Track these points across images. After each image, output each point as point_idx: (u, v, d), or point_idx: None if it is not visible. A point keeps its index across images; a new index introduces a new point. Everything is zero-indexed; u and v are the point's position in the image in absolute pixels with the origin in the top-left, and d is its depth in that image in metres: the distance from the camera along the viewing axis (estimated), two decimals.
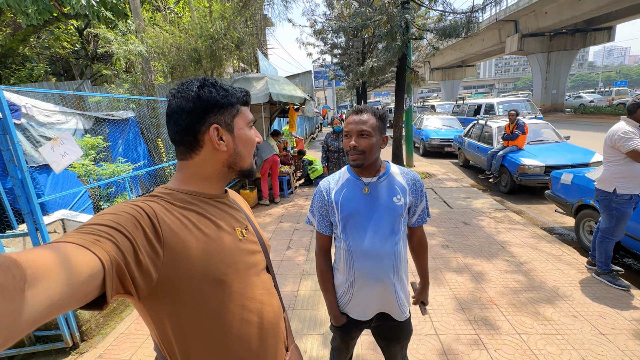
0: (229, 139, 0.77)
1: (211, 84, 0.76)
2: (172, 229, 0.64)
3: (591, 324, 2.38)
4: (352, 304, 1.33)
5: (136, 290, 0.57)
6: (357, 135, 1.22)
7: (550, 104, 25.89)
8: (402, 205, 1.27)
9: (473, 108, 13.01)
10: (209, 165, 0.77)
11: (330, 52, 17.08)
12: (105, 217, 0.57)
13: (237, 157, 0.80)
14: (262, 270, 0.85)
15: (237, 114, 0.79)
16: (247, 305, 0.75)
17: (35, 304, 0.39)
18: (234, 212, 0.84)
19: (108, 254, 0.51)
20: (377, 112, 1.25)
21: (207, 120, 0.74)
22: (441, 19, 7.88)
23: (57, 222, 3.01)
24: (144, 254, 0.57)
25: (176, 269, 0.63)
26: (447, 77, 44.30)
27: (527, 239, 3.88)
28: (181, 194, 0.73)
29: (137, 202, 0.64)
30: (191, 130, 0.74)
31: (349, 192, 1.30)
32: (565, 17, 20.66)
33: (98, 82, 10.76)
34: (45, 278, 0.41)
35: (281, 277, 3.36)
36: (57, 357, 2.41)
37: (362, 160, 1.23)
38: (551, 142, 6.58)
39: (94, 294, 0.49)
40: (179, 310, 0.66)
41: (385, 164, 1.36)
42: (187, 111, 0.73)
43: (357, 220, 1.27)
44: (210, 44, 5.61)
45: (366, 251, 1.26)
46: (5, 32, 9.92)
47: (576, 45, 24.84)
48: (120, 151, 5.03)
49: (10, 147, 2.12)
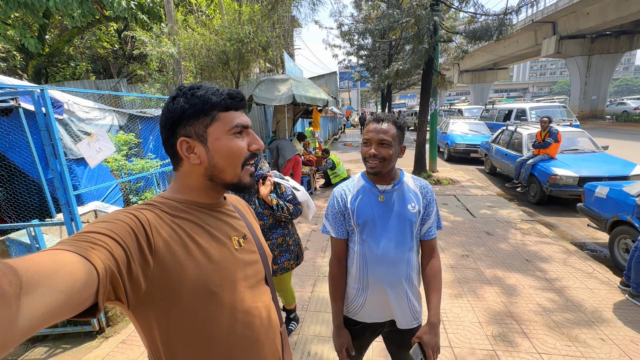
0: (201, 150, 0.72)
1: (183, 93, 0.72)
2: (165, 239, 0.64)
3: (620, 349, 2.23)
4: (365, 308, 1.33)
5: (126, 298, 0.57)
6: (377, 144, 1.22)
7: (589, 111, 24.32)
8: (416, 213, 1.29)
9: (503, 113, 12.48)
10: (192, 177, 0.75)
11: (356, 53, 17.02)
12: (101, 225, 0.57)
13: (215, 169, 0.73)
14: (260, 281, 0.82)
15: (211, 123, 0.72)
16: (239, 318, 0.73)
17: (30, 311, 0.38)
18: (232, 220, 0.81)
19: (103, 262, 0.51)
20: (397, 121, 1.26)
21: (177, 132, 0.71)
22: (472, 21, 7.64)
23: (91, 212, 3.21)
24: (135, 263, 0.57)
25: (165, 279, 0.62)
26: (477, 80, 42.72)
27: (556, 254, 3.68)
28: (175, 203, 0.72)
29: (132, 211, 0.64)
30: (168, 143, 0.73)
31: (364, 199, 1.30)
32: (610, 18, 19.31)
33: (133, 80, 11.36)
34: (41, 285, 0.40)
35: (297, 277, 3.40)
36: (85, 340, 2.58)
37: (380, 169, 1.24)
38: (587, 152, 6.19)
39: (87, 302, 0.48)
40: (167, 321, 0.65)
41: (399, 172, 1.36)
42: (162, 125, 0.73)
43: (372, 227, 1.28)
44: (239, 47, 5.77)
45: (380, 258, 1.27)
46: (53, 34, 10.70)
47: (621, 48, 23.16)
48: (150, 147, 5.27)
49: (52, 143, 2.30)
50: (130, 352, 2.41)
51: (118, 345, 2.49)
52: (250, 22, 6.01)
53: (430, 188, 1.36)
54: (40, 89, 2.22)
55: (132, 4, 7.05)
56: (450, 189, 6.89)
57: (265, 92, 5.99)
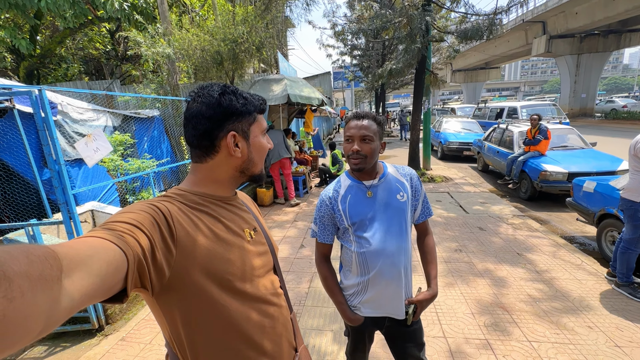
0: (244, 145, 0.80)
1: (232, 91, 0.79)
2: (185, 229, 0.67)
3: (607, 336, 2.32)
4: (368, 303, 1.34)
5: (151, 285, 0.60)
6: (360, 140, 1.25)
7: (579, 109, 24.77)
8: (405, 201, 1.32)
9: (495, 111, 12.68)
10: (222, 169, 0.80)
11: (349, 53, 17.13)
12: (126, 215, 0.61)
13: (250, 163, 0.83)
14: (270, 271, 0.87)
15: (253, 122, 0.82)
16: (254, 305, 0.77)
17: (71, 293, 0.41)
18: (243, 213, 0.86)
19: (132, 249, 0.54)
20: (377, 118, 1.29)
21: (225, 126, 0.77)
22: (463, 21, 7.76)
23: (88, 212, 3.23)
24: (159, 252, 0.61)
25: (187, 267, 0.66)
26: (469, 79, 43.20)
27: (546, 247, 3.79)
28: (193, 196, 0.76)
29: (153, 202, 0.67)
30: (209, 135, 0.76)
31: (353, 198, 1.32)
32: (598, 17, 19.71)
33: (127, 81, 11.29)
34: (79, 269, 0.43)
35: (294, 274, 3.45)
36: (84, 338, 2.60)
37: (363, 165, 1.26)
38: (576, 149, 6.34)
39: (117, 287, 0.52)
40: (188, 307, 0.69)
41: (382, 164, 1.38)
42: (206, 117, 0.75)
43: (366, 223, 1.29)
44: (233, 47, 5.80)
45: (380, 251, 1.27)
46: (45, 35, 10.59)
47: (609, 47, 23.64)
48: (145, 147, 5.27)
49: (49, 142, 2.32)
50: (130, 349, 2.44)
51: (118, 343, 2.52)
52: (243, 23, 6.03)
53: (414, 173, 1.39)
54: (38, 89, 2.24)
55: (124, 5, 7.03)
56: (443, 186, 6.99)
57: (259, 92, 6.02)
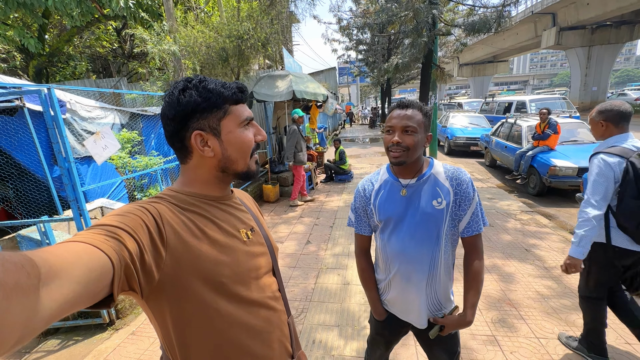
0: (215, 143, 0.73)
1: (194, 85, 0.71)
2: (176, 231, 0.65)
3: (617, 333, 2.29)
4: (390, 303, 1.33)
5: (140, 288, 0.58)
6: (401, 131, 1.14)
7: (590, 102, 24.23)
8: (442, 209, 1.16)
9: (503, 106, 12.47)
10: (202, 170, 0.76)
11: (355, 48, 17.00)
12: (114, 218, 0.58)
13: (228, 161, 0.75)
14: (267, 273, 0.84)
15: (224, 116, 0.73)
16: (248, 309, 0.75)
17: (49, 302, 0.39)
18: (239, 213, 0.82)
19: (117, 253, 0.52)
20: (423, 108, 1.17)
21: (189, 126, 0.71)
22: (471, 14, 7.63)
23: (97, 209, 3.28)
24: (148, 254, 0.59)
25: (177, 269, 0.63)
26: (476, 73, 42.54)
27: (555, 243, 3.74)
28: (184, 196, 0.73)
29: (143, 204, 0.65)
30: (177, 136, 0.72)
31: (386, 194, 1.25)
32: (610, 8, 19.18)
33: (133, 79, 11.38)
34: (59, 276, 0.41)
35: (301, 270, 3.47)
36: (96, 332, 2.66)
37: (404, 158, 1.14)
38: (586, 143, 6.23)
39: (103, 292, 0.49)
40: (179, 310, 0.67)
41: (429, 161, 1.24)
42: (170, 117, 0.71)
43: (393, 223, 1.23)
44: (238, 44, 5.80)
45: (400, 254, 1.22)
46: (53, 33, 10.72)
47: (622, 39, 23.02)
48: (153, 145, 5.33)
49: (59, 140, 2.35)
50: (140, 343, 2.49)
51: (128, 337, 2.57)
52: (249, 19, 6.02)
53: (464, 178, 1.17)
54: (47, 87, 2.28)
55: (130, 2, 7.06)
56: None
57: (265, 89, 6.02)
